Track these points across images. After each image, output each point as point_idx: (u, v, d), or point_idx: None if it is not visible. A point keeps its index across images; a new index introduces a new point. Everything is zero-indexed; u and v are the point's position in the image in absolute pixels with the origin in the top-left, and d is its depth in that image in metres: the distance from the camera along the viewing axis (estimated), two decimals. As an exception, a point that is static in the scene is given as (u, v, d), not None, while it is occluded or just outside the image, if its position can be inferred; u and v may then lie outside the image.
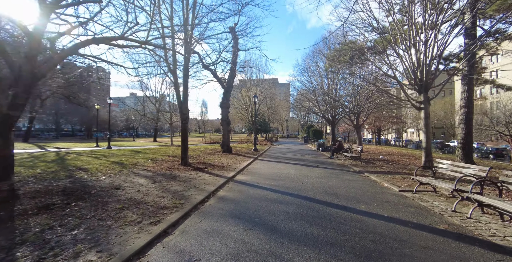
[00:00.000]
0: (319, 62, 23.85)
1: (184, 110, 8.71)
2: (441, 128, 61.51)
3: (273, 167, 10.20)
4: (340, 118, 24.88)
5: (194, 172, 8.00)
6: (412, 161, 12.52)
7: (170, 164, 9.28)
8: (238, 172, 8.44)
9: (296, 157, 14.72)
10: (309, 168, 10.05)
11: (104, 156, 11.99)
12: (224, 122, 14.70)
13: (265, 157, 14.19)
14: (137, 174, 7.37)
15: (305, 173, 8.72)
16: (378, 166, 10.53)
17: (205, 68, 13.66)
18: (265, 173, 8.59)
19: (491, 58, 41.87)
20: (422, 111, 9.39)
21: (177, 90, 8.68)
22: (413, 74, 9.31)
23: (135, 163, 9.66)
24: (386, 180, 7.44)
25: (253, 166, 10.48)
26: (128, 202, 4.57)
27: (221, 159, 11.97)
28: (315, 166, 10.59)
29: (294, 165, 10.95)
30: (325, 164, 11.58)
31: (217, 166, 9.50)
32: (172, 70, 8.73)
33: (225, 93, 14.67)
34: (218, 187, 6.10)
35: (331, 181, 7.23)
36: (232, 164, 10.21)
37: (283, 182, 6.91)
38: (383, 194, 5.82)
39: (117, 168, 8.31)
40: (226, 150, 14.55)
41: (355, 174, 8.77)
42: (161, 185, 6.06)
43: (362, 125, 24.04)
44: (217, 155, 13.41)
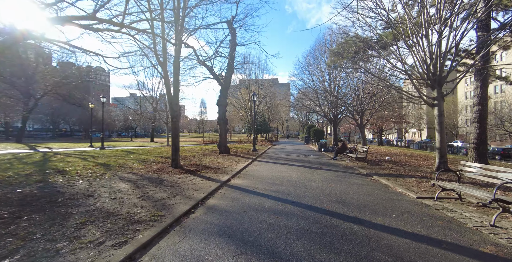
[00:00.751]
0: (320, 59, 23.09)
1: (174, 106, 7.93)
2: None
3: (273, 169, 9.41)
4: (342, 118, 24.11)
5: (185, 175, 7.20)
6: (422, 162, 11.71)
7: (160, 166, 8.48)
8: (234, 175, 7.65)
9: (297, 158, 13.92)
10: (311, 170, 9.25)
11: (92, 157, 11.21)
12: (221, 122, 13.91)
13: (264, 158, 13.40)
14: (120, 178, 6.58)
15: (308, 176, 7.92)
16: (386, 167, 9.73)
17: (201, 64, 12.88)
18: (263, 176, 7.80)
19: (495, 56, 41.12)
20: (435, 108, 8.59)
21: (167, 84, 7.90)
22: (426, 68, 8.52)
23: (123, 165, 8.87)
24: (399, 184, 6.64)
25: (251, 168, 9.69)
26: (96, 213, 3.77)
27: (217, 160, 11.17)
28: (318, 168, 9.79)
29: (296, 166, 10.15)
30: (328, 165, 10.78)
31: (212, 168, 8.70)
32: (161, 63, 7.95)
33: (222, 91, 13.88)
34: (209, 193, 5.30)
35: (338, 186, 6.43)
36: (228, 166, 9.41)
37: (283, 187, 6.12)
38: (400, 201, 5.02)
39: (101, 171, 7.53)
40: (224, 150, 13.76)
41: (363, 177, 7.97)
42: (143, 191, 5.27)
43: (366, 125, 23.33)
44: (214, 156, 12.61)
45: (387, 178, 7.57)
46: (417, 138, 64.67)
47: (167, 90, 7.94)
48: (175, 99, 7.99)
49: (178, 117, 8.06)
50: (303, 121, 56.21)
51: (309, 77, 23.55)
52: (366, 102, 15.40)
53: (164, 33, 8.04)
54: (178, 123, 8.14)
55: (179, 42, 7.77)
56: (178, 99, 8.21)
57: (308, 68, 24.00)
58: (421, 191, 5.80)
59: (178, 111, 8.07)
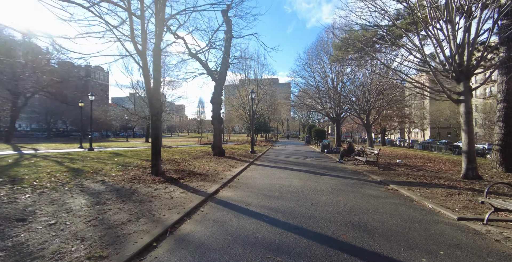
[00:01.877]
0: (323, 56, 21.84)
1: (155, 102, 6.69)
2: (446, 128, 59.51)
3: (272, 175, 8.17)
4: (346, 117, 22.86)
5: (164, 185, 5.97)
6: (439, 166, 10.46)
7: (139, 173, 7.24)
8: (225, 184, 6.41)
9: (298, 160, 12.68)
10: (316, 176, 8.01)
11: (70, 160, 10.01)
12: (216, 121, 12.67)
13: (262, 161, 12.16)
14: (83, 189, 5.35)
15: (313, 184, 6.69)
16: (401, 173, 8.49)
17: (193, 56, 11.64)
18: (260, 184, 6.56)
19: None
20: (461, 105, 7.35)
21: (146, 76, 6.66)
22: (450, 58, 7.28)
23: (98, 171, 7.65)
24: (426, 196, 5.40)
25: (247, 173, 8.45)
26: (3, 256, 2.55)
27: (209, 164, 9.93)
28: (324, 174, 8.55)
29: (298, 171, 8.92)
30: (334, 170, 9.55)
31: (200, 174, 7.46)
32: (140, 51, 6.72)
33: (217, 87, 12.64)
34: (186, 213, 4.07)
35: (351, 199, 5.19)
36: (220, 172, 8.18)
37: (284, 202, 4.88)
38: (438, 225, 3.79)
39: (66, 179, 6.30)
40: (218, 152, 12.53)
41: (378, 186, 6.73)
42: (100, 210, 4.03)
43: (373, 125, 21.94)
44: (206, 159, 11.37)
45: (407, 187, 6.33)
46: (420, 138, 63.40)
47: (146, 83, 6.70)
48: (156, 94, 6.75)
49: (159, 115, 6.82)
50: (304, 121, 54.99)
51: (311, 74, 22.32)
52: (373, 100, 14.15)
53: (144, 17, 6.81)
54: (159, 122, 6.91)
55: (160, 24, 6.54)
56: (159, 94, 6.98)
57: (309, 65, 22.77)
58: (458, 208, 4.56)
59: (159, 108, 6.84)
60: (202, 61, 11.92)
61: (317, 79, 21.99)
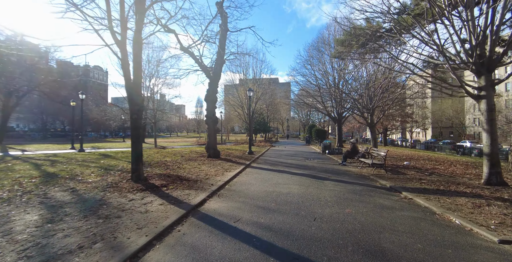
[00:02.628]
0: (323, 53, 21.02)
1: (135, 98, 5.87)
2: (449, 128, 58.73)
3: (269, 179, 7.35)
4: (348, 116, 22.02)
5: (142, 194, 5.15)
6: (451, 169, 9.63)
7: (117, 179, 6.42)
8: (214, 193, 5.59)
9: (298, 162, 11.85)
10: (318, 181, 7.19)
11: (52, 163, 9.22)
12: (210, 120, 11.85)
13: (260, 163, 11.33)
14: (44, 200, 4.53)
15: (315, 192, 5.86)
16: (412, 178, 7.66)
17: (184, 51, 10.83)
18: (254, 192, 5.74)
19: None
20: (482, 102, 6.52)
21: (125, 69, 5.84)
22: (470, 48, 6.45)
23: (75, 175, 6.85)
24: (448, 208, 4.58)
25: (241, 178, 7.62)
26: None
27: (201, 167, 9.11)
28: (326, 178, 7.73)
29: (298, 176, 8.10)
30: (338, 173, 8.72)
31: (188, 180, 6.64)
32: (118, 41, 5.90)
33: (211, 84, 11.82)
34: (159, 234, 3.25)
35: (361, 212, 4.37)
36: (212, 176, 7.35)
37: (281, 217, 4.05)
38: (476, 252, 2.97)
39: (32, 186, 5.50)
40: (213, 154, 11.71)
41: (389, 194, 5.91)
42: (50, 230, 3.22)
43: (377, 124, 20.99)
44: (199, 161, 10.55)
45: (423, 195, 5.51)
46: (421, 138, 62.60)
47: (125, 77, 5.89)
48: (136, 88, 5.93)
49: (140, 113, 5.99)
50: (304, 120, 54.15)
51: (311, 72, 21.50)
52: (377, 98, 13.32)
53: (124, 1, 5.98)
54: (140, 121, 6.07)
55: (140, 9, 5.73)
56: (140, 88, 6.16)
57: (310, 62, 21.94)
58: (494, 225, 3.73)
59: (141, 104, 6.02)
60: (194, 56, 11.09)
61: (318, 77, 21.18)
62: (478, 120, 51.24)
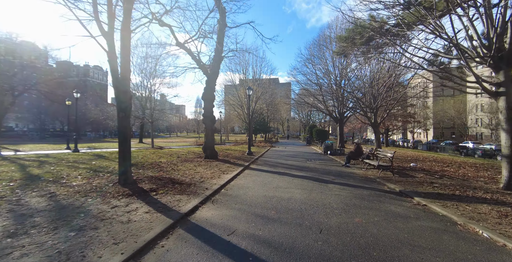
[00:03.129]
0: (325, 51, 20.53)
1: (122, 95, 5.36)
2: (450, 129, 58.22)
3: (268, 183, 6.83)
4: (350, 116, 21.51)
5: (128, 199, 4.63)
6: (461, 171, 9.11)
7: (104, 182, 5.91)
8: (208, 198, 5.07)
9: (300, 163, 11.34)
10: (322, 185, 6.67)
11: (40, 164, 8.73)
12: (207, 120, 11.34)
13: (259, 165, 10.82)
14: (15, 208, 4.02)
15: (319, 197, 5.35)
16: (423, 181, 7.13)
17: (180, 47, 10.33)
18: (252, 198, 5.22)
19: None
20: (500, 99, 6.00)
21: (113, 62, 5.33)
22: (488, 40, 5.94)
23: (60, 178, 6.35)
24: (470, 217, 4.07)
25: (239, 181, 7.11)
26: None
27: (197, 169, 8.59)
28: (330, 181, 7.21)
29: (299, 178, 7.58)
30: (342, 176, 8.21)
31: (181, 183, 6.12)
32: (105, 32, 5.40)
33: (209, 82, 11.31)
34: (137, 251, 2.73)
35: (372, 222, 3.86)
36: (207, 179, 6.84)
37: (282, 229, 3.54)
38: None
39: (8, 190, 4.99)
40: (210, 155, 11.19)
41: (400, 199, 5.39)
42: (6, 247, 2.71)
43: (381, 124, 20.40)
44: (195, 163, 10.04)
45: (438, 201, 4.99)
46: (423, 139, 62.07)
47: (112, 71, 5.38)
48: (124, 84, 5.42)
49: (127, 111, 5.48)
50: (305, 121, 53.65)
51: (313, 71, 21.00)
52: (382, 97, 12.80)
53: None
54: (127, 119, 5.55)
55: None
56: (129, 84, 5.64)
57: (311, 61, 21.44)
58: (529, 239, 3.21)
59: (128, 102, 5.51)
60: (191, 52, 10.59)
61: (319, 76, 20.67)
62: (481, 121, 50.67)
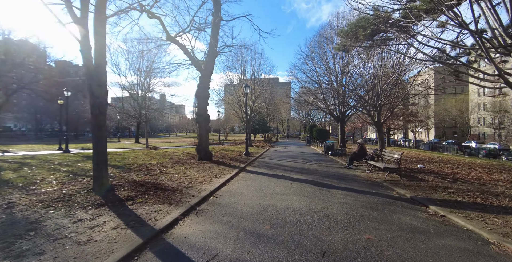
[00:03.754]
0: (326, 48, 19.86)
1: (96, 89, 4.67)
2: (452, 128, 57.52)
3: (264, 188, 6.16)
4: (351, 115, 20.84)
5: (97, 210, 3.96)
6: (475, 173, 8.42)
7: (78, 188, 5.24)
8: (192, 208, 4.40)
9: (299, 165, 10.66)
10: (324, 190, 6.00)
11: (20, 166, 8.08)
12: (201, 118, 10.66)
13: (257, 166, 10.15)
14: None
15: (321, 205, 4.68)
16: (435, 186, 6.45)
17: (171, 41, 9.65)
18: (244, 207, 4.55)
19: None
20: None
21: (86, 52, 4.63)
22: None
23: (32, 183, 5.70)
24: (503, 233, 3.39)
25: (232, 186, 6.43)
26: None
27: (188, 172, 7.92)
28: (333, 186, 6.53)
29: (299, 182, 6.91)
30: (345, 179, 7.53)
31: (166, 189, 5.45)
32: (78, 19, 4.74)
33: (203, 79, 10.64)
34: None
35: (385, 240, 3.18)
36: (196, 184, 6.16)
37: (276, 252, 2.85)
38: None
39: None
40: (204, 156, 10.52)
41: (413, 208, 4.71)
42: None
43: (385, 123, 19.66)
44: (187, 165, 9.36)
45: (458, 211, 4.31)
46: (424, 138, 61.41)
47: (85, 63, 4.71)
48: (99, 76, 4.73)
49: (103, 108, 4.79)
50: (305, 120, 52.97)
51: (313, 68, 20.32)
52: (387, 94, 12.12)
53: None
54: (103, 117, 4.87)
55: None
56: (105, 77, 4.95)
57: (311, 58, 20.76)
58: None
59: (103, 97, 4.83)
60: (183, 46, 9.90)
61: (320, 74, 19.99)
62: (483, 120, 49.92)
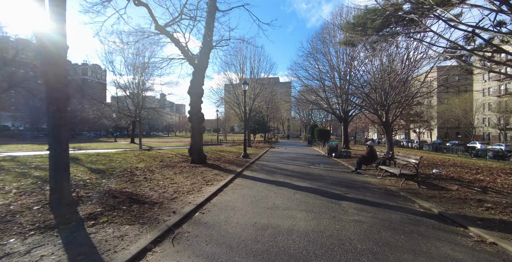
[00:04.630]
0: (329, 45, 18.90)
1: (53, 80, 3.68)
2: (455, 129, 56.55)
3: (262, 199, 5.20)
4: (355, 115, 19.87)
5: (42, 236, 2.98)
6: (501, 180, 7.45)
7: (33, 201, 4.28)
8: (169, 231, 3.43)
9: (302, 169, 9.71)
10: (333, 202, 5.03)
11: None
12: (194, 117, 9.70)
13: (255, 170, 9.19)
14: None
15: (332, 226, 3.72)
16: (463, 197, 5.49)
17: (160, 31, 8.70)
18: (236, 230, 3.59)
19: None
20: None
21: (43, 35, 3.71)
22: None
23: (-15, 194, 4.75)
24: None
25: (223, 197, 5.46)
26: None
27: (176, 178, 6.96)
28: (342, 196, 5.57)
29: (302, 192, 5.95)
30: (355, 187, 6.57)
31: (142, 202, 4.49)
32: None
33: (196, 74, 9.68)
34: None
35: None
36: (182, 195, 5.20)
37: None
38: None
39: None
40: (197, 158, 9.56)
41: (448, 230, 3.75)
42: None
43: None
44: (177, 169, 8.41)
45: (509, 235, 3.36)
46: (426, 139, 60.43)
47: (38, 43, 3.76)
48: (59, 63, 3.77)
49: (62, 103, 3.82)
50: (306, 120, 51.99)
51: (315, 66, 19.35)
52: (396, 92, 11.14)
53: None
54: (62, 114, 3.91)
55: None
56: (65, 65, 3.99)
57: (313, 55, 19.79)
58: None
59: (63, 89, 3.86)
60: (174, 38, 8.94)
61: (322, 71, 19.03)
62: (488, 121, 48.89)
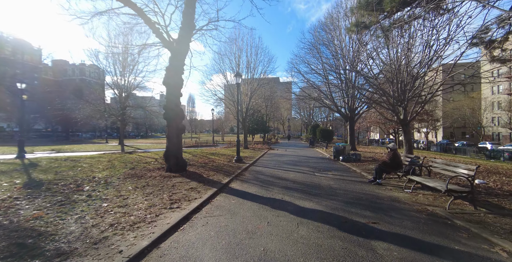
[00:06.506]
0: (334, 32, 16.95)
1: None
2: (461, 128, 54.51)
3: (246, 240, 3.22)
4: (363, 112, 17.93)
5: None
6: None
7: None
8: None
9: (306, 178, 7.72)
10: (360, 245, 3.04)
11: None
12: (171, 114, 7.72)
13: (246, 181, 7.20)
14: None
15: None
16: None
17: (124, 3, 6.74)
18: None
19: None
20: None
21: None
22: None
23: None
24: None
25: (185, 235, 3.46)
26: None
27: (131, 196, 4.98)
28: (371, 228, 3.58)
29: (310, 221, 3.96)
30: (383, 208, 4.58)
31: (35, 255, 2.56)
32: None
33: (174, 59, 7.72)
34: None
35: None
36: (120, 231, 3.24)
37: None
38: None
39: None
40: (174, 165, 7.57)
41: None
42: None
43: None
44: (144, 180, 6.43)
45: None
46: (431, 139, 58.31)
47: None
48: None
49: None
50: (307, 120, 49.96)
51: (318, 57, 17.39)
52: (418, 85, 9.15)
53: None
54: None
55: None
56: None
57: (315, 47, 17.83)
58: None
59: None
60: (142, 11, 6.97)
61: (325, 63, 17.07)
62: (498, 120, 46.78)
